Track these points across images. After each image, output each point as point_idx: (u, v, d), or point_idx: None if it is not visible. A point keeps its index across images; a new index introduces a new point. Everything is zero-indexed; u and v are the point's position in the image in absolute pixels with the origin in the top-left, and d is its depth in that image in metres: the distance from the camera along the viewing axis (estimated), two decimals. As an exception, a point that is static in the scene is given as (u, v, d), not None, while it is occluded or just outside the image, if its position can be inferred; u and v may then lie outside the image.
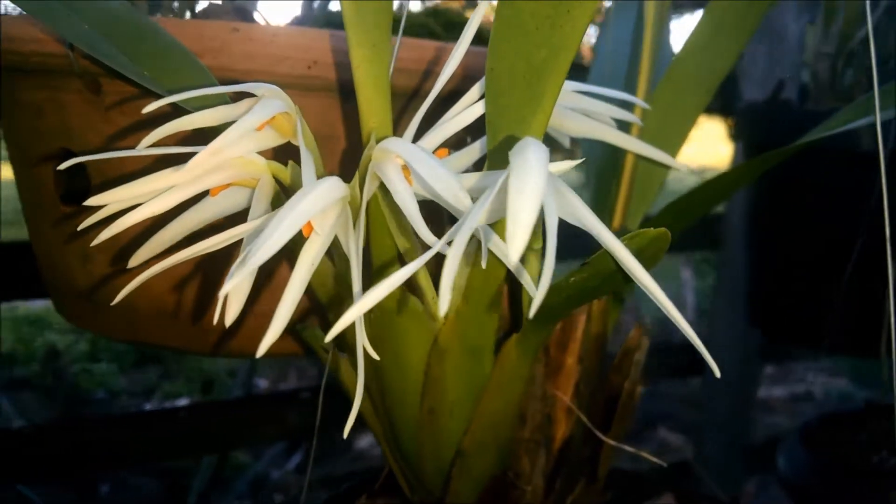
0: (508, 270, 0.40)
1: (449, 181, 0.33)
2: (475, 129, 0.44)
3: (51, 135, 0.52)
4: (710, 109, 1.19)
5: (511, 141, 0.38)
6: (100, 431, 1.01)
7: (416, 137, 0.43)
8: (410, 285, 0.44)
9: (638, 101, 0.50)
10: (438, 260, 0.30)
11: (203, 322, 0.51)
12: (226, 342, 0.52)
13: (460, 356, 0.44)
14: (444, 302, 0.27)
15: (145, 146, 0.36)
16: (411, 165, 0.35)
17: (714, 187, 0.53)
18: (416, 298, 0.44)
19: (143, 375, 1.55)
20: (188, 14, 0.60)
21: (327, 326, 0.36)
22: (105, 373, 1.54)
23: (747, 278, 0.95)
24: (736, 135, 0.91)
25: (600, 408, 0.55)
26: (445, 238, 0.31)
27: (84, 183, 0.52)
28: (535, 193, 0.27)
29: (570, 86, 0.45)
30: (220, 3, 0.58)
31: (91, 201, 0.37)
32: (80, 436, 0.99)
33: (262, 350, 0.31)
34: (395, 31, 0.50)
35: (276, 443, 1.28)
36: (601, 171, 0.58)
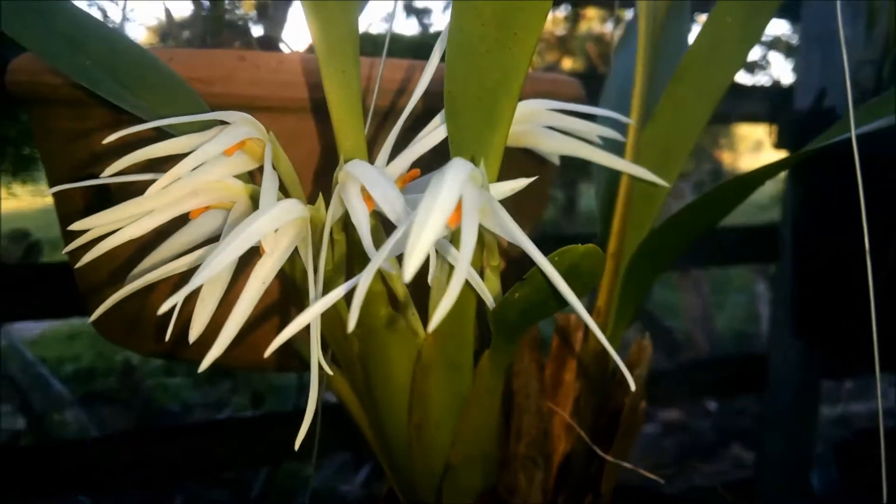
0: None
1: (394, 203, 0.34)
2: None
3: (79, 159, 0.55)
4: (764, 118, 1.16)
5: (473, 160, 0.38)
6: (167, 442, 1.06)
7: (394, 153, 0.44)
8: (393, 302, 0.45)
9: (621, 117, 0.50)
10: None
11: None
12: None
13: (443, 371, 0.45)
14: (353, 317, 0.28)
15: (110, 173, 0.38)
16: (367, 188, 0.37)
17: (714, 199, 0.52)
18: (399, 315, 0.45)
19: (215, 389, 1.60)
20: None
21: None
22: (179, 387, 1.60)
23: (793, 291, 0.92)
24: (779, 144, 0.88)
25: (605, 424, 0.55)
26: (382, 256, 0.32)
27: (110, 204, 0.55)
28: (436, 219, 0.27)
29: (542, 104, 0.45)
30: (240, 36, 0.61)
31: (74, 226, 0.39)
32: (146, 446, 1.04)
33: (205, 364, 0.33)
34: (390, 53, 0.51)
35: (334, 455, 1.30)
36: (607, 184, 0.58)
